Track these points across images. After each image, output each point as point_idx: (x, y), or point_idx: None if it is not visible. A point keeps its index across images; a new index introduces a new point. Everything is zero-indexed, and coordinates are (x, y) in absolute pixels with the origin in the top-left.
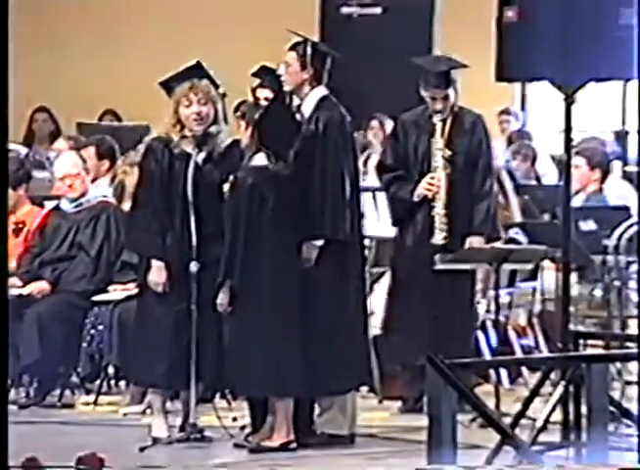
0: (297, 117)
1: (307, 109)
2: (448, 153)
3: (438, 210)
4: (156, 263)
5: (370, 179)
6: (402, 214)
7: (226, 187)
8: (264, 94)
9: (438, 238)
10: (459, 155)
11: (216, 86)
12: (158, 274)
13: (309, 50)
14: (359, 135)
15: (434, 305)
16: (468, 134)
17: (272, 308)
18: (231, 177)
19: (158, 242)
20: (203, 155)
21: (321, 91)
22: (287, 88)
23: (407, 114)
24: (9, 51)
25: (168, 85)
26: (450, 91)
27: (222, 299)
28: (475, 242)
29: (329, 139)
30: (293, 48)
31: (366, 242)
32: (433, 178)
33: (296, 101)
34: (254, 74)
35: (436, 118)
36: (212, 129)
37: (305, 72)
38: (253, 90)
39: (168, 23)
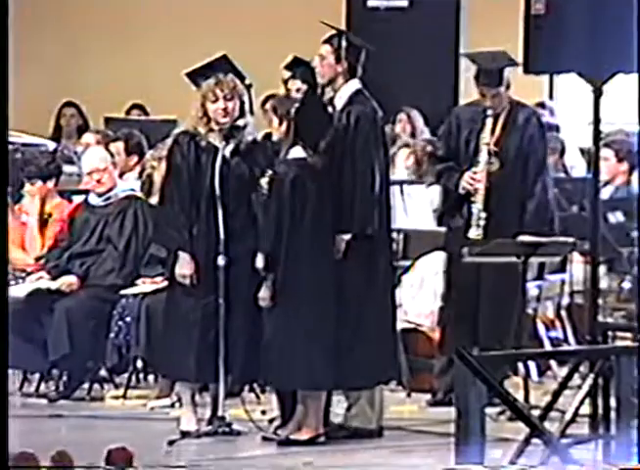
0: (330, 109)
1: (340, 102)
2: (494, 148)
3: (477, 205)
4: (182, 256)
5: (398, 172)
6: (450, 206)
7: (264, 182)
8: (296, 86)
9: (474, 233)
10: (509, 151)
11: (242, 78)
12: (185, 267)
13: (344, 43)
14: (387, 128)
15: (485, 297)
16: (520, 130)
17: (311, 302)
18: (269, 172)
19: (184, 235)
20: (230, 147)
21: (354, 85)
22: (320, 81)
23: (462, 107)
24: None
25: (194, 78)
26: (501, 89)
27: (265, 293)
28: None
29: (360, 133)
30: (327, 41)
31: (393, 235)
32: (475, 173)
33: (329, 94)
34: (287, 67)
35: (488, 113)
36: (239, 122)
37: (339, 65)
38: (285, 82)
39: (195, 16)
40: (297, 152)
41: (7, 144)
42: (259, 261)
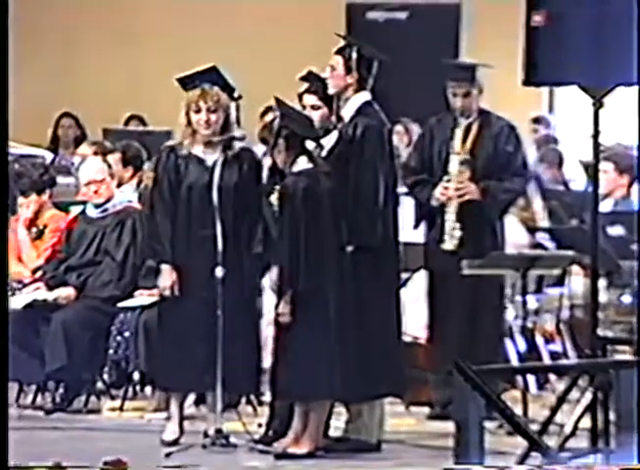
0: (334, 120)
1: (348, 113)
2: (465, 157)
3: (450, 216)
4: (163, 268)
5: None
6: (423, 218)
7: (274, 198)
8: (311, 101)
9: (448, 245)
10: (481, 160)
11: (231, 90)
12: (165, 278)
13: (355, 54)
14: None
15: (463, 310)
16: (492, 139)
17: (328, 316)
18: (277, 187)
19: (165, 246)
20: (214, 158)
21: (364, 96)
22: (331, 92)
23: (435, 118)
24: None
25: (183, 85)
26: (473, 90)
27: (284, 308)
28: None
29: (366, 145)
30: (339, 52)
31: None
32: (447, 186)
33: (337, 105)
34: (302, 79)
35: (460, 121)
36: (225, 134)
37: (350, 77)
38: (300, 96)
39: (196, 26)
40: (303, 163)
41: (7, 152)
42: (274, 276)
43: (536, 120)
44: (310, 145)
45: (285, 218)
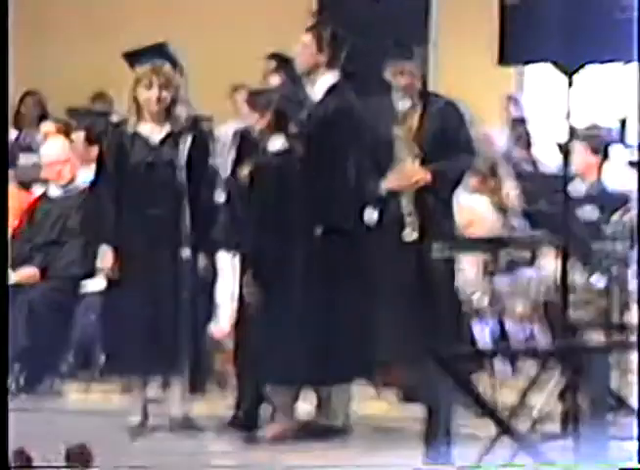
0: (306, 100)
1: (318, 93)
2: (411, 142)
3: (405, 205)
4: (103, 249)
5: None
6: (370, 206)
7: (243, 173)
8: (277, 79)
9: (409, 235)
10: (427, 143)
11: (180, 67)
12: (105, 260)
13: (326, 32)
14: None
15: (423, 294)
16: (436, 120)
17: (293, 297)
18: (249, 164)
19: (106, 227)
20: (161, 136)
21: (333, 76)
22: (300, 69)
23: (374, 100)
24: None
25: (130, 60)
26: (413, 67)
27: (249, 286)
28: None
29: (337, 126)
30: (310, 29)
31: None
32: (398, 174)
33: (306, 84)
34: (268, 59)
35: (402, 103)
36: (173, 111)
37: (321, 55)
38: (266, 74)
39: (163, 7)
40: (279, 143)
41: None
42: (237, 256)
43: (508, 100)
44: (291, 128)
45: (254, 196)
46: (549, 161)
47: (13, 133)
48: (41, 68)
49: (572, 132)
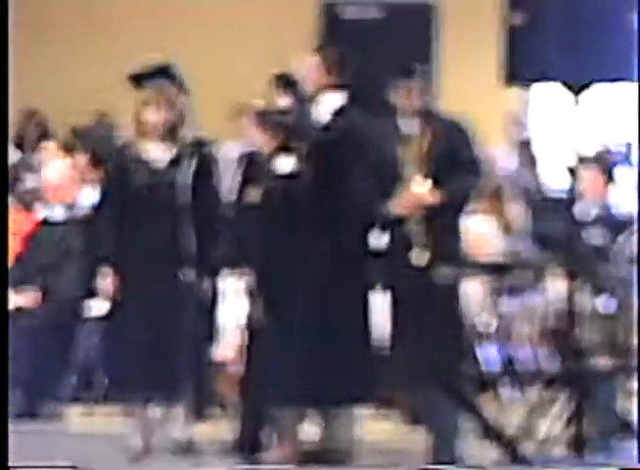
0: (314, 122)
1: (324, 114)
2: (416, 163)
3: (414, 229)
4: (104, 271)
5: None
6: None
7: (253, 195)
8: (284, 100)
9: (419, 259)
10: (432, 163)
11: (185, 88)
12: (104, 281)
13: (333, 54)
14: None
15: (428, 317)
16: (441, 141)
17: (299, 322)
18: (258, 186)
19: (107, 249)
20: (165, 157)
21: (340, 97)
22: (307, 91)
23: (378, 121)
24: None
25: (136, 81)
26: (415, 86)
27: (257, 311)
28: None
29: (345, 146)
30: (317, 51)
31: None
32: (404, 196)
33: (314, 105)
34: (274, 80)
35: (405, 123)
36: (177, 132)
37: (328, 76)
38: (272, 95)
39: (165, 25)
40: (288, 164)
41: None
42: (244, 279)
43: (514, 122)
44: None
45: (265, 217)
46: (555, 182)
47: (16, 154)
48: (43, 86)
49: (579, 154)
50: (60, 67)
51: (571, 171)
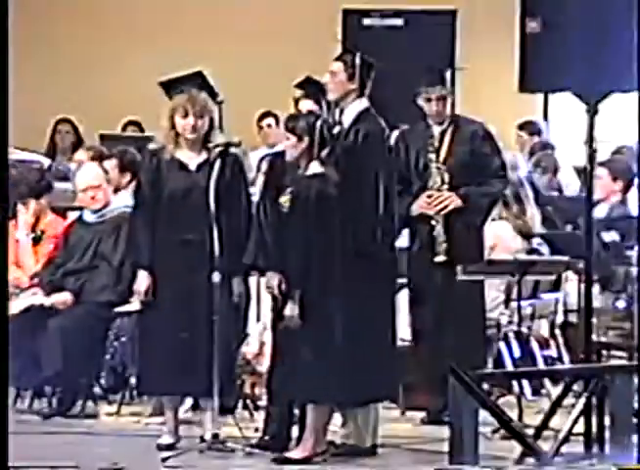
0: (338, 127)
1: (348, 120)
2: (443, 166)
3: (437, 228)
4: (140, 273)
5: None
6: (402, 229)
7: (284, 200)
8: (307, 106)
9: (440, 257)
10: (458, 167)
11: (215, 95)
12: (139, 283)
13: (357, 61)
14: None
15: (450, 316)
16: (468, 145)
17: (328, 321)
18: (289, 189)
19: (143, 251)
20: (197, 162)
21: (363, 103)
22: (331, 98)
23: (408, 127)
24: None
25: (167, 89)
26: (445, 92)
27: (292, 310)
28: None
29: (367, 152)
30: (339, 58)
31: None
32: (430, 197)
33: (336, 111)
34: (298, 85)
35: (434, 128)
36: (209, 138)
37: (351, 83)
38: (296, 101)
39: (192, 31)
40: (316, 167)
41: (7, 156)
42: (274, 280)
43: (525, 126)
44: (324, 151)
45: (296, 221)
46: (571, 186)
47: (46, 161)
48: (75, 94)
49: (595, 158)
50: (91, 74)
51: (588, 175)
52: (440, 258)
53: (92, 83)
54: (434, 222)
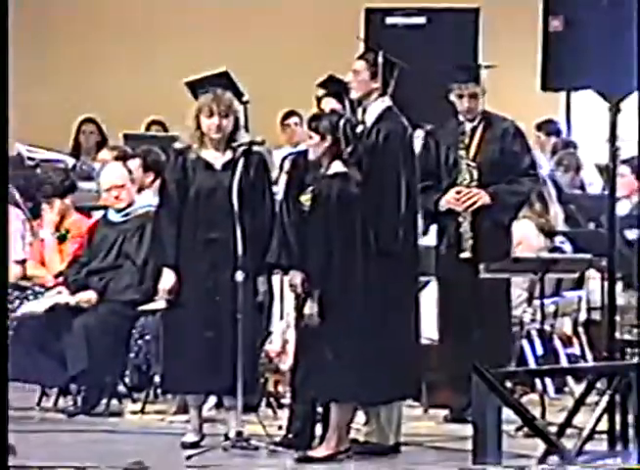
0: (361, 126)
1: (370, 119)
2: (473, 163)
3: (464, 224)
4: (165, 271)
5: None
6: (432, 224)
7: (305, 198)
8: (330, 105)
9: (466, 253)
10: (488, 164)
11: (240, 95)
12: (164, 282)
13: (380, 59)
14: None
15: (476, 313)
16: (499, 143)
17: (350, 319)
18: (310, 188)
19: (167, 250)
20: (222, 162)
21: (386, 102)
22: (354, 97)
23: (438, 124)
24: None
25: (192, 89)
26: (478, 89)
27: (312, 309)
28: None
29: (389, 150)
30: (362, 56)
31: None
32: (458, 193)
33: (359, 110)
34: (321, 84)
35: (465, 125)
36: (234, 138)
37: (374, 82)
38: (319, 100)
39: (215, 30)
40: (339, 166)
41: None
42: (297, 278)
43: (543, 126)
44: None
45: (317, 219)
46: (595, 184)
47: (71, 161)
48: (98, 95)
49: (618, 156)
50: (115, 74)
51: (610, 173)
52: (466, 255)
53: (116, 83)
54: (461, 219)
